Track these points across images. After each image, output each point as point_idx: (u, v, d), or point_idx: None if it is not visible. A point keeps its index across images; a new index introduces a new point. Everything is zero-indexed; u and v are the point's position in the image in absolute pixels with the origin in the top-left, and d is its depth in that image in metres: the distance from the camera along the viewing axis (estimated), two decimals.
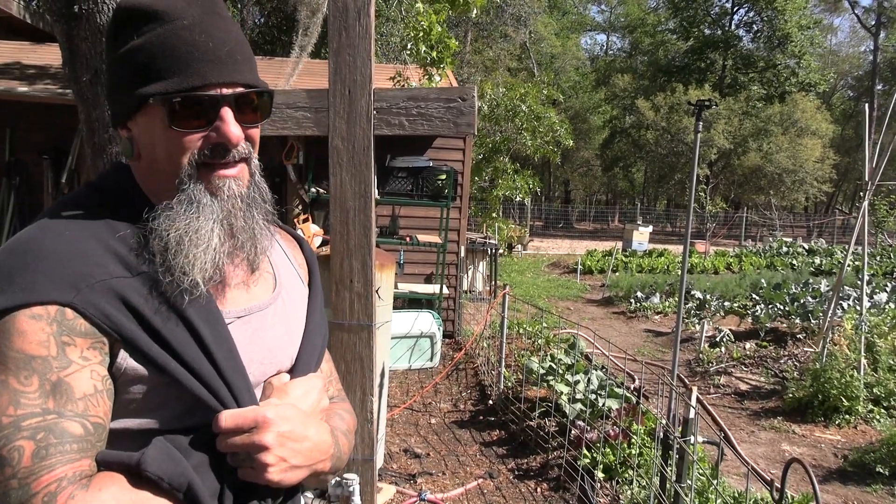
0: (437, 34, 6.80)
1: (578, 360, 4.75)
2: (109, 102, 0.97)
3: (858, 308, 5.87)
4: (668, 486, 3.03)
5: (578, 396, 4.24)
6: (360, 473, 2.39)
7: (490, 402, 5.19)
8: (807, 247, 18.04)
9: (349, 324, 2.26)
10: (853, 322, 5.67)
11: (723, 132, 26.45)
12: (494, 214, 13.64)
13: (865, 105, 7.22)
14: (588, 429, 3.97)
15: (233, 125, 0.89)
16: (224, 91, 0.89)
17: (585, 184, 44.63)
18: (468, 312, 8.22)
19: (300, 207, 6.82)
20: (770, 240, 20.20)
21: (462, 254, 7.36)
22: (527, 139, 12.31)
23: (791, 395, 5.48)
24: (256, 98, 0.94)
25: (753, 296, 8.88)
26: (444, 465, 4.12)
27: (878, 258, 14.92)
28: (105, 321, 0.82)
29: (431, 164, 6.99)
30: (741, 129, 27.67)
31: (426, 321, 6.13)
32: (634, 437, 3.80)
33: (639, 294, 10.07)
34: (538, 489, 3.81)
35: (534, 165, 22.45)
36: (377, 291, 2.53)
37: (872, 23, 38.02)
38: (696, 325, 8.09)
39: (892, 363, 5.58)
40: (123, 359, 0.84)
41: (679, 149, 28.10)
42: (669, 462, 3.06)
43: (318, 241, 6.17)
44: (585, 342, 5.47)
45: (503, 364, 5.47)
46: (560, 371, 4.51)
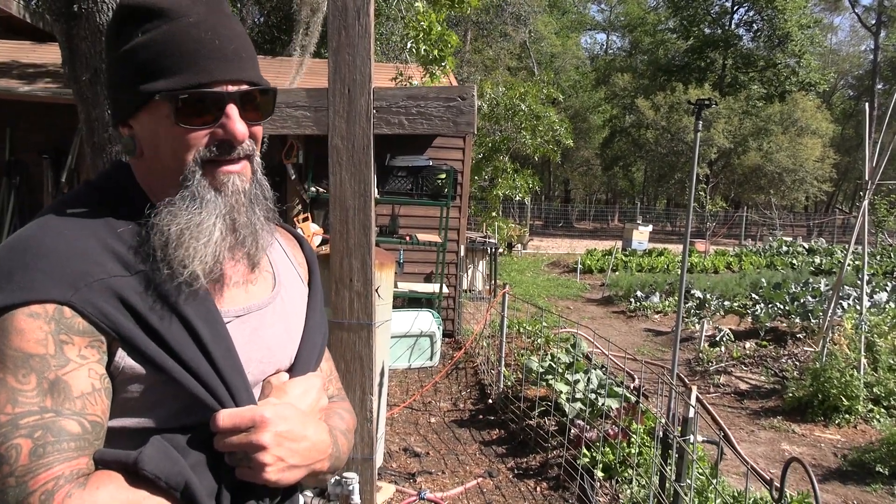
0: (438, 33, 6.79)
1: (578, 360, 4.74)
2: (110, 100, 0.96)
3: (858, 307, 5.87)
4: (668, 486, 3.03)
5: (578, 395, 4.24)
6: (360, 472, 2.38)
7: (490, 401, 5.19)
8: (807, 246, 18.02)
9: (349, 323, 2.26)
10: (853, 321, 5.67)
11: (723, 131, 26.44)
12: (494, 214, 13.63)
13: (865, 104, 7.21)
14: (588, 428, 3.97)
15: (239, 122, 0.90)
16: (230, 88, 0.89)
17: (585, 183, 44.61)
18: (468, 311, 8.22)
19: (300, 206, 6.82)
20: (770, 239, 20.18)
21: (462, 253, 7.35)
22: (527, 138, 12.29)
23: (791, 395, 5.47)
24: (260, 96, 0.94)
25: (753, 295, 8.87)
26: (444, 464, 4.12)
27: (878, 257, 14.90)
28: (103, 320, 0.82)
29: (431, 164, 6.99)
30: (741, 129, 27.66)
31: (426, 320, 6.13)
32: (634, 437, 3.80)
33: (638, 293, 10.07)
34: (538, 488, 3.81)
35: (534, 165, 22.45)
36: (377, 290, 2.53)
37: (873, 22, 38.04)
38: (696, 325, 8.09)
39: (892, 363, 5.58)
40: (121, 357, 0.84)
41: (679, 148, 28.09)
42: (669, 461, 3.06)
43: (318, 240, 6.17)
44: (585, 341, 5.47)
45: (503, 363, 5.47)
46: (560, 370, 4.51)
